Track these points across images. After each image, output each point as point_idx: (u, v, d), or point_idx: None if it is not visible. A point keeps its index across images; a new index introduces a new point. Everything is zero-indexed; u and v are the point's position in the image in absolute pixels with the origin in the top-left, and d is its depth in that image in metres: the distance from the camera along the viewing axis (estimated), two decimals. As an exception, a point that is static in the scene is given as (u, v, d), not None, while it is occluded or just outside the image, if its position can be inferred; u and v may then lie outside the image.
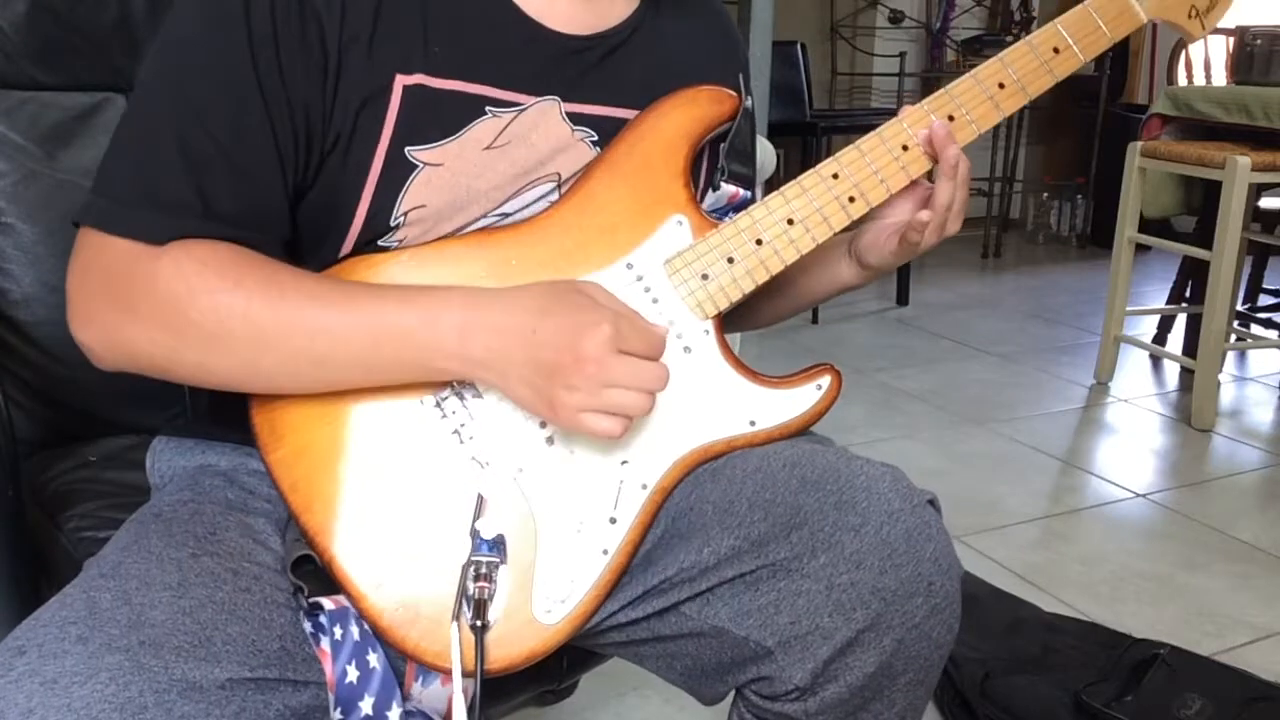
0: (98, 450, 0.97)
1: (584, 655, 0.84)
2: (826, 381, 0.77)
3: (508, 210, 0.75)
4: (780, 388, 0.76)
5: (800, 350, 3.03)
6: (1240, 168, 2.30)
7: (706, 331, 0.75)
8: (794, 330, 3.22)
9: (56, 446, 0.98)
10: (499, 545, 0.68)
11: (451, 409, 0.70)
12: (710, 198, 0.82)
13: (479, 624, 0.66)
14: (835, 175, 0.77)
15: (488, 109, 0.72)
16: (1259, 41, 2.50)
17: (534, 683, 0.85)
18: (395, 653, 0.67)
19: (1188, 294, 2.89)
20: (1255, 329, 3.02)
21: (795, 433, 0.76)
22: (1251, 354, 3.03)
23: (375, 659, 0.65)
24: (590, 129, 0.77)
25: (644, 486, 0.72)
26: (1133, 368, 2.92)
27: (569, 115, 0.75)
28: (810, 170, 0.77)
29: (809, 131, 3.64)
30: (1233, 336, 2.78)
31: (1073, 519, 2.00)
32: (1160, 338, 3.01)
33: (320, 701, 0.62)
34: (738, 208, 0.82)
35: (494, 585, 0.67)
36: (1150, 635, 1.52)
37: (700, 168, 0.82)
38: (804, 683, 0.67)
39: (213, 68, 0.65)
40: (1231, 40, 2.64)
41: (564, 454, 0.71)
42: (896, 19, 4.50)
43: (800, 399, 0.76)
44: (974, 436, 2.40)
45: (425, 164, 0.70)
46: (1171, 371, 2.90)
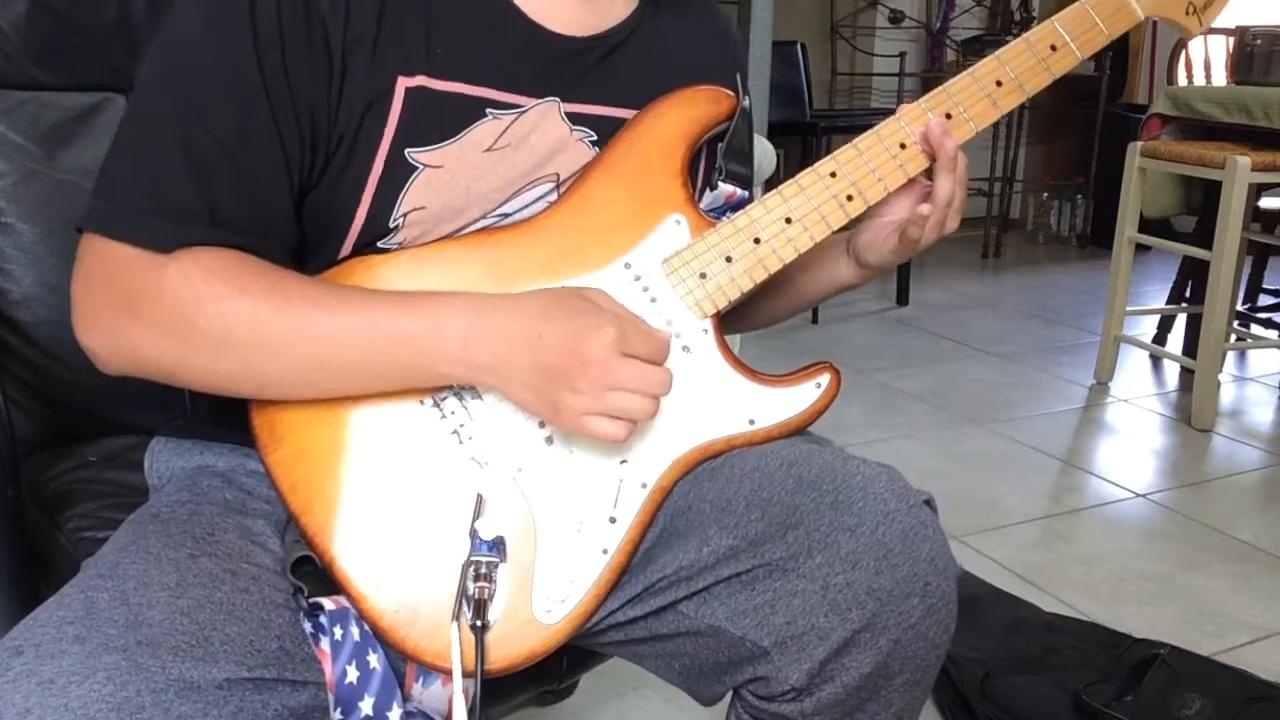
0: (97, 450, 0.97)
1: (584, 655, 0.84)
2: (825, 380, 0.77)
3: (506, 211, 0.75)
4: (779, 386, 0.76)
5: (800, 350, 3.03)
6: (1240, 168, 2.30)
7: (705, 330, 0.75)
8: (794, 330, 3.22)
9: (56, 446, 0.98)
10: (498, 545, 0.68)
11: (450, 409, 0.70)
12: (708, 197, 0.82)
13: (479, 624, 0.66)
14: (833, 174, 0.77)
15: (488, 111, 0.72)
16: (1259, 41, 2.50)
17: (534, 683, 0.85)
18: (395, 653, 0.67)
19: (1188, 294, 2.89)
20: (1255, 329, 3.02)
21: (794, 431, 0.76)
22: (1251, 354, 3.03)
23: (375, 659, 0.65)
24: (589, 129, 0.77)
25: (643, 486, 0.72)
26: (1133, 368, 2.92)
27: (568, 115, 0.76)
28: (808, 169, 0.77)
29: (809, 131, 3.65)
30: (1233, 336, 2.78)
31: (1073, 519, 2.00)
32: (1160, 338, 3.01)
33: (319, 702, 0.62)
34: (735, 207, 0.82)
35: (494, 585, 0.67)
36: (1150, 635, 1.52)
37: (698, 167, 0.82)
38: (800, 683, 0.67)
39: (218, 70, 0.65)
40: (1231, 40, 2.64)
41: (563, 454, 0.71)
42: (896, 19, 4.50)
43: (799, 398, 0.76)
44: (974, 436, 2.40)
45: (425, 166, 0.70)
46: (1171, 371, 2.90)
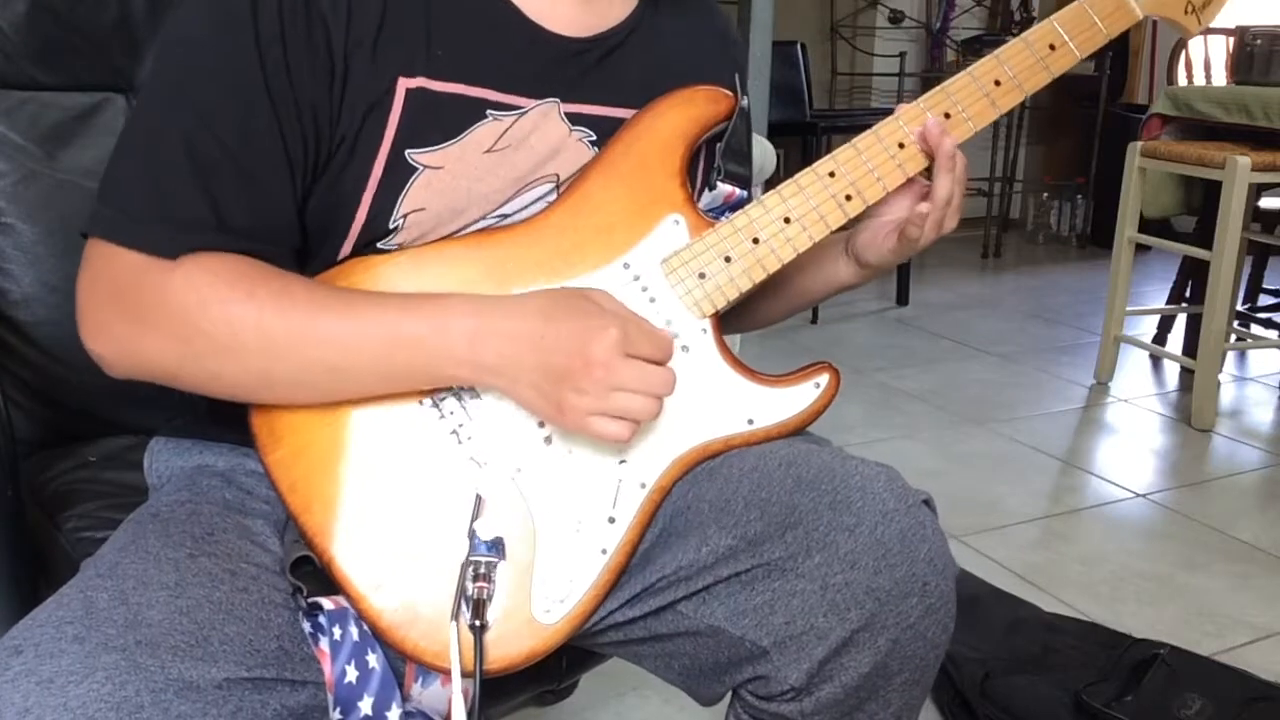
0: (97, 450, 0.97)
1: (583, 655, 0.84)
2: (824, 380, 0.77)
3: (506, 212, 0.75)
4: (778, 386, 0.76)
5: (800, 350, 3.03)
6: (1240, 168, 2.30)
7: (704, 330, 0.75)
8: (793, 330, 3.22)
9: (56, 446, 0.98)
10: (497, 545, 0.68)
11: (449, 409, 0.70)
12: (706, 197, 0.82)
13: (478, 624, 0.66)
14: (832, 174, 0.78)
15: (488, 112, 0.72)
16: (1259, 41, 2.50)
17: (533, 683, 0.85)
18: (395, 653, 0.67)
19: (1188, 294, 2.89)
20: (1255, 329, 3.02)
21: (793, 431, 0.76)
22: (1251, 354, 3.03)
23: (374, 659, 0.65)
24: (589, 129, 0.77)
25: (642, 486, 0.72)
26: (1133, 368, 2.92)
27: (568, 116, 0.76)
28: (807, 169, 0.78)
29: (809, 131, 3.65)
30: (1233, 336, 2.78)
31: (1073, 519, 2.00)
32: (1160, 338, 3.01)
33: (318, 701, 0.62)
34: (734, 207, 0.82)
35: (493, 585, 0.67)
36: (1150, 635, 1.52)
37: (697, 167, 0.82)
38: (799, 683, 0.67)
39: (219, 70, 0.65)
40: (1231, 40, 2.64)
41: (562, 453, 0.71)
42: (896, 19, 4.50)
43: (798, 397, 0.76)
44: (974, 436, 2.40)
45: (425, 167, 0.70)
46: (1171, 371, 2.90)
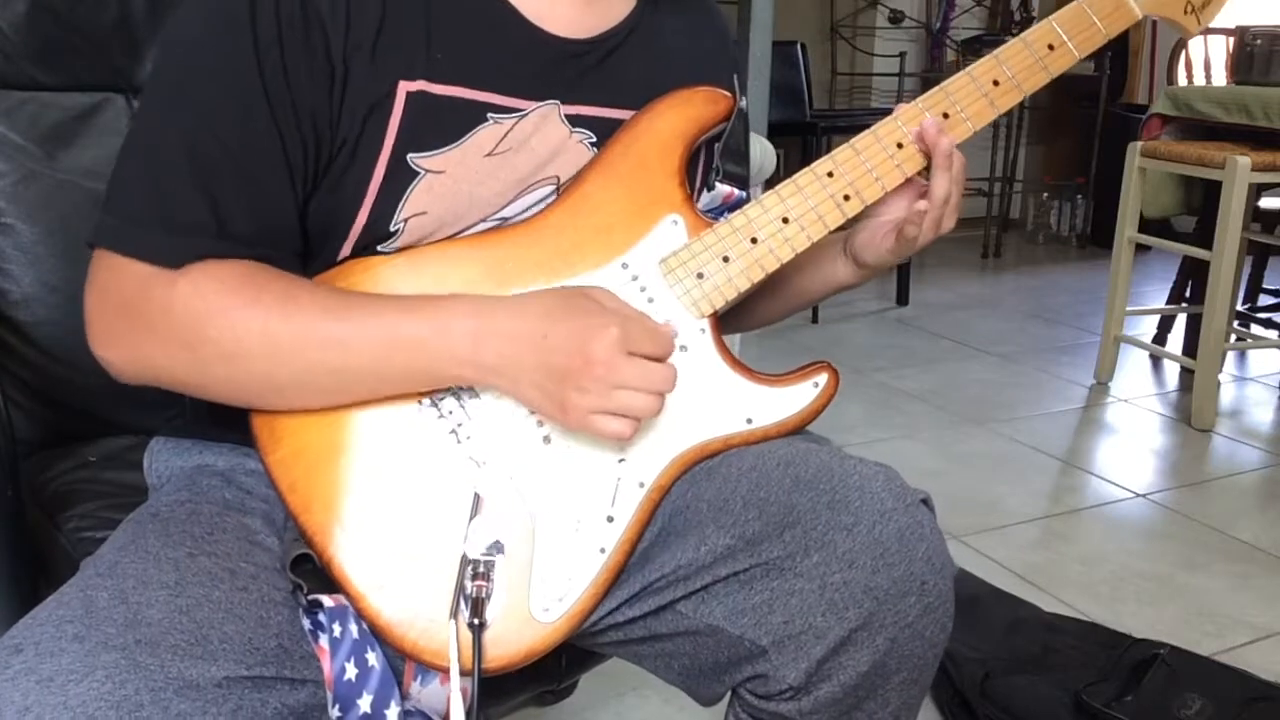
0: (97, 450, 0.97)
1: (583, 655, 0.84)
2: (823, 379, 0.77)
3: (506, 215, 0.75)
4: (777, 386, 0.76)
5: (799, 350, 3.03)
6: (1240, 168, 2.30)
7: (703, 330, 0.75)
8: (793, 330, 3.22)
9: (56, 446, 0.98)
10: (496, 544, 0.68)
11: (449, 409, 0.70)
12: (705, 198, 0.82)
13: (476, 622, 0.66)
14: (830, 174, 0.78)
15: (489, 115, 0.72)
16: (1259, 41, 2.50)
17: (533, 682, 0.85)
18: (394, 652, 0.67)
19: (1188, 294, 2.89)
20: (1255, 329, 3.02)
21: (792, 431, 0.76)
22: (1251, 354, 3.03)
23: (374, 657, 0.65)
24: (589, 130, 0.77)
25: (641, 485, 0.72)
26: (1133, 368, 2.92)
27: (568, 117, 0.76)
28: (805, 169, 0.78)
29: (809, 131, 3.65)
30: (1233, 336, 2.78)
31: (1073, 519, 2.00)
32: (1160, 338, 3.01)
33: (318, 700, 0.62)
34: (732, 207, 0.82)
35: (491, 584, 0.67)
36: (1150, 635, 1.52)
37: (696, 168, 0.82)
38: (798, 682, 0.67)
39: (218, 72, 0.65)
40: (1231, 40, 2.64)
41: (561, 452, 0.71)
42: (896, 19, 4.50)
43: (797, 397, 0.76)
44: (974, 436, 2.40)
45: (427, 171, 0.71)
46: (1171, 371, 2.90)
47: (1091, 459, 2.33)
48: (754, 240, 0.76)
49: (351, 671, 0.64)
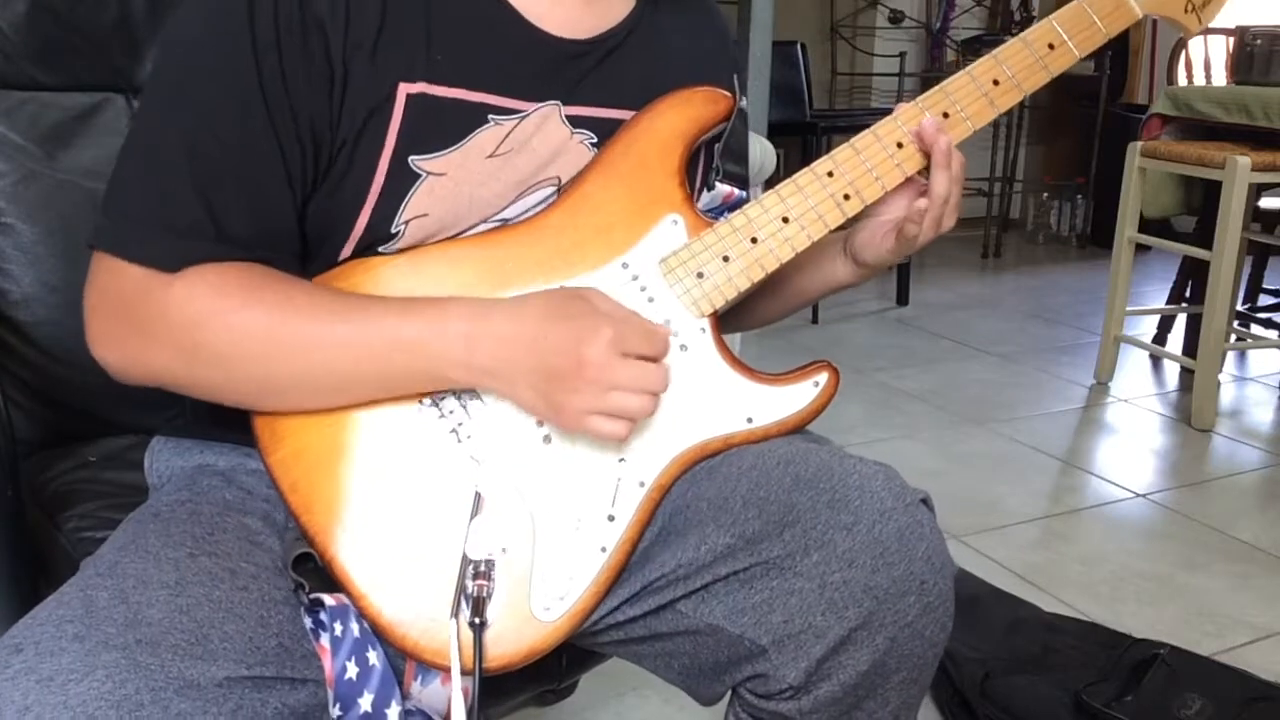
0: (97, 450, 0.97)
1: (583, 655, 0.84)
2: (824, 379, 0.77)
3: (507, 216, 0.75)
4: (777, 385, 0.76)
5: (799, 350, 3.03)
6: (1240, 168, 2.30)
7: (703, 330, 0.75)
8: (793, 330, 3.22)
9: (56, 446, 0.98)
10: (497, 544, 0.68)
11: (449, 408, 0.70)
12: (705, 197, 0.82)
13: (477, 621, 0.66)
14: (830, 173, 0.78)
15: (490, 117, 0.72)
16: (1259, 41, 2.50)
17: (533, 682, 0.85)
18: (395, 651, 0.67)
19: (1188, 294, 2.89)
20: (1255, 329, 3.02)
21: (793, 430, 0.76)
22: (1251, 354, 3.03)
23: (375, 656, 0.65)
24: (590, 131, 0.77)
25: (641, 484, 0.72)
26: (1133, 368, 2.92)
27: (568, 118, 0.76)
28: (805, 169, 0.78)
29: (809, 131, 3.65)
30: (1233, 336, 2.78)
31: (1073, 519, 2.00)
32: (1160, 338, 3.01)
33: (318, 699, 0.62)
34: (732, 207, 0.82)
35: (492, 583, 0.67)
36: (1150, 635, 1.52)
37: (696, 168, 0.82)
38: (798, 681, 0.67)
39: (217, 74, 0.65)
40: (1231, 40, 2.64)
41: (561, 452, 0.71)
42: (896, 19, 4.50)
43: (797, 396, 0.76)
44: (974, 436, 2.40)
45: (428, 173, 0.71)
46: (1171, 371, 2.90)
47: (1091, 459, 2.33)
48: (754, 240, 0.76)
49: (352, 670, 0.64)
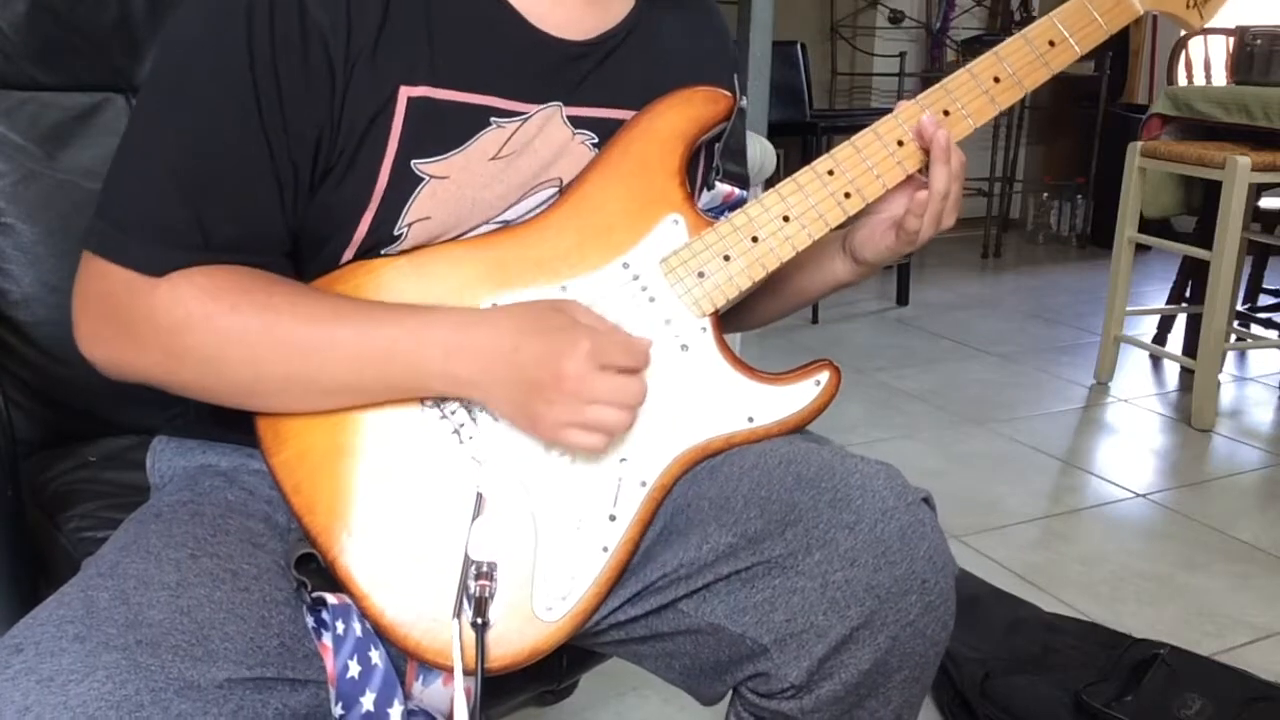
0: (97, 450, 0.97)
1: (583, 655, 0.84)
2: (825, 378, 0.77)
3: (509, 218, 0.75)
4: (778, 384, 0.76)
5: (800, 350, 3.03)
6: (1240, 168, 2.30)
7: (704, 329, 0.75)
8: (794, 330, 3.22)
9: (56, 446, 0.98)
10: (498, 544, 0.68)
11: (451, 409, 0.70)
12: (705, 197, 0.82)
13: (480, 622, 0.66)
14: (831, 172, 0.78)
15: (492, 120, 0.72)
16: (1259, 41, 2.50)
17: (534, 682, 0.85)
18: (397, 652, 0.67)
19: (1188, 294, 2.89)
20: (1255, 329, 3.02)
21: (794, 429, 0.76)
22: (1251, 354, 3.03)
23: (377, 655, 0.65)
24: (591, 131, 0.77)
25: (643, 484, 0.72)
26: (1133, 368, 2.92)
27: (569, 119, 0.76)
28: (805, 168, 0.78)
29: (809, 131, 3.65)
30: (1233, 336, 2.78)
31: (1073, 519, 2.00)
32: (1160, 338, 3.01)
33: (319, 701, 0.62)
34: (732, 207, 0.82)
35: (494, 583, 0.67)
36: (1150, 635, 1.52)
37: (696, 167, 0.82)
38: (800, 680, 0.67)
39: (215, 74, 0.65)
40: (1231, 40, 2.64)
41: (563, 452, 0.71)
42: (896, 19, 4.50)
43: (798, 395, 0.76)
44: (974, 436, 2.40)
45: (431, 177, 0.71)
46: (1171, 371, 2.90)
47: (1091, 459, 2.33)
48: (755, 239, 0.76)
49: (354, 669, 0.64)
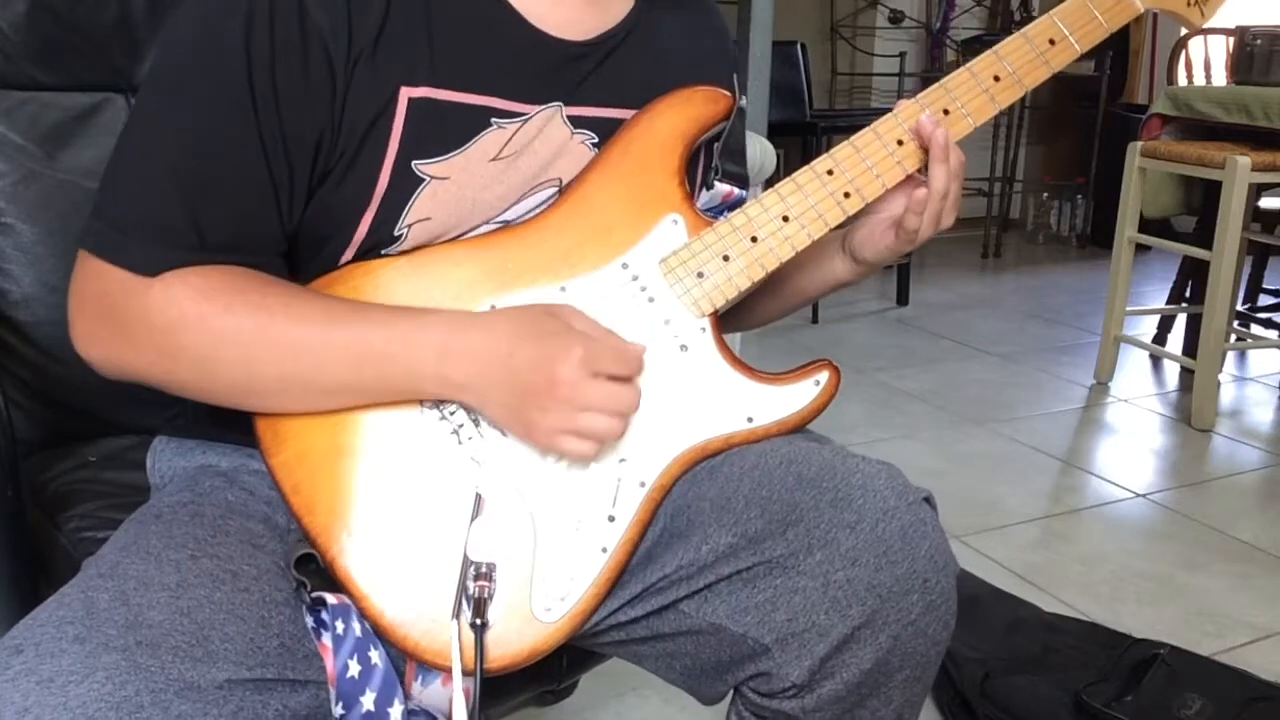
0: (97, 450, 0.97)
1: (583, 655, 0.84)
2: (824, 378, 0.77)
3: (509, 218, 0.75)
4: (778, 384, 0.76)
5: (800, 350, 3.03)
6: (1240, 168, 2.30)
7: (703, 329, 0.75)
8: (793, 330, 3.22)
9: (56, 446, 0.98)
10: (498, 544, 0.68)
11: (450, 410, 0.70)
12: (704, 197, 0.82)
13: (479, 622, 0.66)
14: (830, 172, 0.78)
15: (493, 120, 0.72)
16: (1259, 41, 2.50)
17: (534, 682, 0.85)
18: (396, 652, 0.67)
19: (1188, 294, 2.89)
20: (1255, 329, 3.02)
21: (793, 429, 0.76)
22: (1251, 354, 3.03)
23: (377, 655, 0.65)
24: (591, 131, 0.77)
25: (642, 484, 0.72)
26: (1133, 368, 2.92)
27: (570, 119, 0.76)
28: (805, 167, 0.78)
29: (809, 131, 3.65)
30: (1233, 336, 2.78)
31: (1073, 519, 2.00)
32: (1160, 338, 3.01)
33: (319, 702, 0.62)
34: (732, 207, 0.82)
35: (493, 584, 0.67)
36: (1150, 635, 1.52)
37: (696, 167, 0.82)
38: (801, 680, 0.67)
39: (212, 74, 0.65)
40: (1231, 40, 2.64)
41: (561, 454, 0.71)
42: (896, 19, 4.50)
43: (798, 395, 0.76)
44: (974, 436, 2.40)
45: (432, 178, 0.71)
46: (1171, 371, 2.90)
47: (1091, 459, 2.33)
48: (754, 239, 0.76)
49: (354, 669, 0.64)
